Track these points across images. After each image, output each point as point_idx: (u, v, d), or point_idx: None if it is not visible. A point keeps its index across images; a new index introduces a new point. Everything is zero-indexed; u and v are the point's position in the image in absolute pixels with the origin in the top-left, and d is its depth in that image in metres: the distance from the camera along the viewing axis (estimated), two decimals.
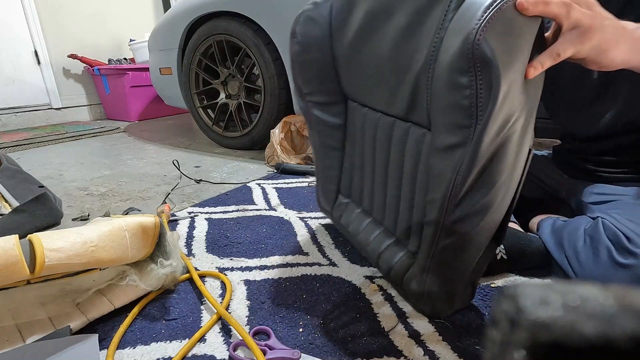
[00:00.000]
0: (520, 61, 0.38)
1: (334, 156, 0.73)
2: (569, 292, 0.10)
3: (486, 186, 0.43)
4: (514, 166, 0.44)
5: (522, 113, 0.41)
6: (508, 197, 0.46)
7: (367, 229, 0.66)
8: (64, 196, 1.09)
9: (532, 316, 0.10)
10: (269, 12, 1.31)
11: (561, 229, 0.63)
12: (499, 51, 0.36)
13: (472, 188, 0.43)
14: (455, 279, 0.51)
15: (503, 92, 0.37)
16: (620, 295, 0.10)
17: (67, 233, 0.49)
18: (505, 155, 0.42)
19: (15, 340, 0.47)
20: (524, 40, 0.37)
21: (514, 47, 0.37)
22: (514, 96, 0.39)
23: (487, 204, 0.44)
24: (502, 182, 0.44)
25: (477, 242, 0.48)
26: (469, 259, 0.50)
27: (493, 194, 0.44)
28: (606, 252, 0.52)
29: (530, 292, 0.10)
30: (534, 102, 0.43)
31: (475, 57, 0.36)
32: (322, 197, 0.79)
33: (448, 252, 0.49)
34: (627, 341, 0.09)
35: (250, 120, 1.56)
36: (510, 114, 0.39)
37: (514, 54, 0.37)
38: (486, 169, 0.42)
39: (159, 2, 3.23)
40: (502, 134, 0.40)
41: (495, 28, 0.35)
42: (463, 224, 0.46)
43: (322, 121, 0.70)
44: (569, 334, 0.09)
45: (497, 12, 0.35)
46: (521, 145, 0.44)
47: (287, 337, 0.51)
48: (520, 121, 0.41)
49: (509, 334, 0.10)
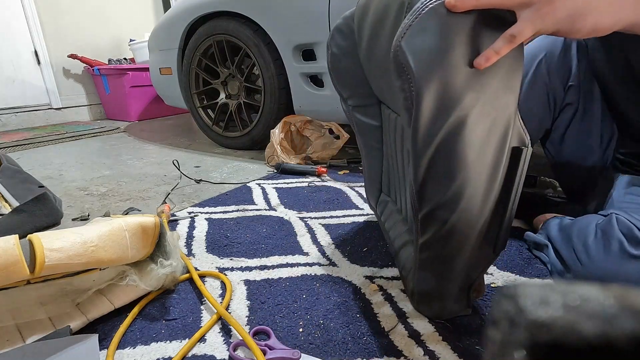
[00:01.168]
0: (456, 57, 0.39)
1: (375, 156, 0.78)
2: (569, 292, 0.10)
3: (444, 178, 0.43)
4: (481, 163, 0.43)
5: (476, 107, 0.41)
6: (483, 197, 0.45)
7: (396, 226, 0.69)
8: (64, 196, 1.09)
9: (532, 316, 0.10)
10: (269, 12, 1.31)
11: (570, 226, 0.62)
12: (421, 54, 0.39)
13: (426, 182, 0.44)
14: (442, 279, 0.51)
15: (431, 90, 0.40)
16: (620, 295, 0.10)
17: (67, 233, 0.49)
18: (457, 148, 0.42)
19: (15, 340, 0.47)
20: (457, 37, 0.38)
21: (442, 47, 0.39)
22: (454, 91, 0.40)
23: (452, 199, 0.44)
24: (466, 177, 0.43)
25: (457, 242, 0.47)
26: (453, 260, 0.49)
27: (456, 188, 0.43)
28: (618, 244, 0.51)
29: (530, 292, 0.10)
30: (504, 93, 0.42)
31: (400, 62, 0.41)
32: (369, 194, 0.84)
33: (429, 250, 0.49)
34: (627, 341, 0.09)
35: (250, 120, 1.56)
36: (447, 107, 0.41)
37: (444, 53, 0.39)
38: (435, 161, 0.43)
39: (159, 2, 3.23)
40: (442, 127, 0.41)
41: (414, 32, 0.39)
42: (433, 219, 0.46)
43: (362, 122, 0.76)
44: (569, 334, 0.09)
45: (416, 17, 0.39)
46: (487, 142, 0.43)
47: (287, 337, 0.51)
48: (472, 115, 0.41)
49: (509, 334, 0.10)
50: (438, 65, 0.39)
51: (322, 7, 1.20)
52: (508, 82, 0.42)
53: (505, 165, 0.45)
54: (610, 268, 0.51)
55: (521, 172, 0.46)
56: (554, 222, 0.68)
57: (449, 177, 0.43)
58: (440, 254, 0.49)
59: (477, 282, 0.53)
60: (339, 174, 1.26)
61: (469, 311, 0.54)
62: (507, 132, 0.44)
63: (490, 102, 0.41)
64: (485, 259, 0.50)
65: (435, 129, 0.42)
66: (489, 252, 0.49)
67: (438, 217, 0.46)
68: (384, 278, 0.64)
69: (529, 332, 0.10)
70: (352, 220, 0.88)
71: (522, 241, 0.75)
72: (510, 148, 0.45)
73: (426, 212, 0.46)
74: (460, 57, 0.39)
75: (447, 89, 0.40)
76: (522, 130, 0.46)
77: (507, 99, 0.42)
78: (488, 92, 0.41)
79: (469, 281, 0.51)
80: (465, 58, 0.39)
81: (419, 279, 0.52)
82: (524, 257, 0.70)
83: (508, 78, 0.42)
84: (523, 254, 0.71)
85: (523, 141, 0.46)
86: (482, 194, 0.45)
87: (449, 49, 0.39)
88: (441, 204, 0.45)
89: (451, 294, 0.52)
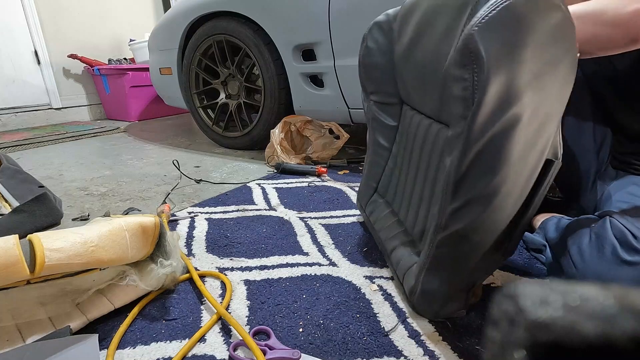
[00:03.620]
0: (526, 55, 0.39)
1: (381, 155, 0.79)
2: (569, 292, 0.10)
3: (485, 174, 0.44)
4: (523, 165, 0.44)
5: (531, 108, 0.41)
6: (515, 199, 0.46)
7: (389, 227, 0.69)
8: (64, 196, 1.09)
9: (532, 316, 0.10)
10: (269, 12, 1.31)
11: (566, 228, 0.62)
12: (494, 45, 0.39)
13: (468, 174, 0.45)
14: (450, 280, 0.51)
15: (497, 82, 0.40)
16: (620, 295, 0.10)
17: (67, 233, 0.49)
18: (507, 144, 0.42)
19: (15, 340, 0.47)
20: (530, 36, 0.39)
21: (515, 42, 0.39)
22: (517, 87, 0.40)
23: (488, 195, 0.44)
24: (506, 175, 0.43)
25: (475, 241, 0.47)
26: (467, 259, 0.49)
27: (495, 184, 0.44)
28: (611, 248, 0.52)
29: (530, 292, 0.10)
30: (556, 101, 0.43)
31: (470, 51, 0.40)
32: (362, 192, 0.84)
33: (445, 248, 0.49)
34: (627, 341, 0.09)
35: (250, 120, 1.56)
36: (508, 102, 0.41)
37: (516, 48, 0.39)
38: (483, 154, 0.43)
39: (159, 2, 3.23)
40: (499, 120, 0.41)
41: (490, 24, 0.39)
42: (464, 213, 0.46)
43: (379, 120, 0.78)
44: (569, 334, 0.09)
45: (493, 9, 0.39)
46: (533, 144, 0.43)
47: (287, 337, 0.51)
48: (526, 115, 0.42)
49: (509, 334, 0.10)
50: (509, 59, 0.40)
51: (322, 7, 1.20)
52: (561, 91, 0.43)
53: (537, 174, 0.46)
54: (604, 272, 0.52)
55: (547, 183, 0.47)
56: (551, 221, 0.68)
57: (492, 171, 0.44)
58: (456, 252, 0.49)
59: (478, 284, 0.53)
60: (339, 174, 1.26)
61: (463, 313, 0.54)
62: (549, 140, 0.45)
63: (544, 106, 0.42)
64: (494, 262, 0.50)
65: (492, 121, 0.42)
66: (499, 255, 0.50)
67: (470, 211, 0.46)
68: (384, 278, 0.64)
69: (529, 332, 0.10)
70: (352, 220, 0.88)
71: (522, 241, 0.75)
72: (545, 158, 0.46)
73: (458, 205, 0.46)
74: (529, 55, 0.39)
75: (512, 83, 0.40)
76: (558, 144, 0.47)
77: (557, 108, 0.44)
78: (545, 96, 0.42)
79: (471, 283, 0.51)
80: (533, 58, 0.40)
81: (426, 277, 0.52)
82: (524, 257, 0.70)
83: (561, 87, 0.43)
84: (523, 254, 0.71)
85: (556, 154, 0.47)
86: (516, 194, 0.45)
87: (521, 46, 0.39)
88: (476, 198, 0.45)
89: (453, 295, 0.52)
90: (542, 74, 0.41)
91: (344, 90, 1.29)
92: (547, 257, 0.64)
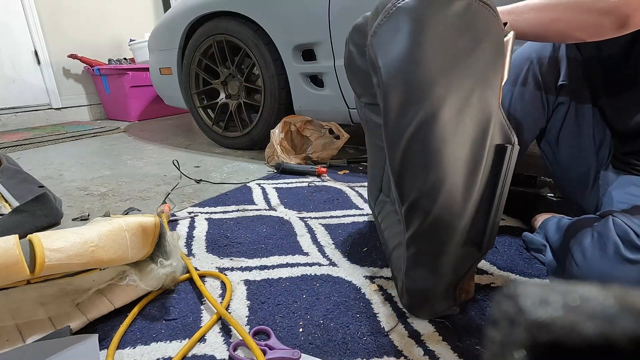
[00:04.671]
0: (421, 55, 0.40)
1: (380, 155, 0.78)
2: (569, 292, 0.10)
3: (420, 169, 0.44)
4: (457, 156, 0.43)
5: (448, 100, 0.42)
6: (464, 191, 0.44)
7: (391, 226, 0.69)
8: (64, 196, 1.09)
9: (532, 316, 0.10)
10: (269, 12, 1.31)
11: (567, 227, 0.62)
12: (388, 51, 0.42)
13: (404, 171, 0.45)
14: (429, 278, 0.50)
15: (397, 86, 0.42)
16: (620, 295, 0.10)
17: (67, 233, 0.49)
18: (430, 140, 0.42)
19: (15, 340, 0.47)
20: (422, 35, 0.40)
21: (407, 45, 0.41)
22: (422, 86, 0.41)
23: (431, 191, 0.44)
24: (442, 169, 0.43)
25: (440, 237, 0.47)
26: (439, 257, 0.48)
27: (434, 179, 0.43)
28: (613, 247, 0.51)
29: (530, 292, 0.10)
30: (481, 90, 0.42)
31: (372, 60, 0.44)
32: (370, 193, 0.85)
33: (415, 245, 0.49)
34: (627, 341, 0.09)
35: (250, 120, 1.56)
36: (416, 101, 0.42)
37: (409, 51, 0.41)
38: (409, 153, 0.44)
39: (159, 2, 3.23)
40: (414, 119, 0.42)
41: (383, 32, 0.43)
42: (415, 211, 0.46)
43: (372, 120, 0.77)
44: (569, 334, 0.09)
45: (385, 16, 0.42)
46: (463, 134, 0.43)
47: (287, 337, 0.51)
48: (444, 108, 0.42)
49: (509, 334, 0.10)
50: (403, 62, 0.40)
51: (322, 7, 1.20)
52: (486, 80, 0.42)
53: (488, 162, 0.45)
54: (606, 270, 0.51)
55: (506, 170, 0.45)
56: (552, 221, 0.68)
57: (425, 168, 0.44)
58: (426, 250, 0.48)
59: (464, 281, 0.53)
60: (339, 174, 1.26)
61: (457, 310, 0.53)
62: (487, 129, 0.44)
63: (464, 99, 0.42)
64: (471, 257, 0.49)
65: (405, 122, 0.43)
66: (475, 250, 0.49)
67: (420, 208, 0.46)
68: (384, 278, 0.64)
69: (529, 332, 0.10)
70: (352, 220, 0.88)
71: (522, 241, 0.75)
72: (493, 145, 0.45)
73: (408, 204, 0.47)
74: (431, 52, 0.40)
75: (412, 85, 0.41)
76: (507, 128, 0.46)
77: (485, 96, 0.43)
78: (460, 89, 0.41)
79: (455, 280, 0.51)
80: (437, 53, 0.40)
81: (407, 277, 0.52)
82: (524, 257, 0.70)
83: (486, 76, 0.42)
84: (523, 254, 0.71)
85: (508, 139, 0.46)
86: (462, 188, 0.44)
87: (416, 46, 0.40)
88: (421, 196, 0.45)
89: (438, 293, 0.51)
90: (455, 64, 0.40)
91: (344, 90, 1.29)
92: (547, 257, 0.64)
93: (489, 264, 0.68)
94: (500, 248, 0.74)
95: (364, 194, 1.06)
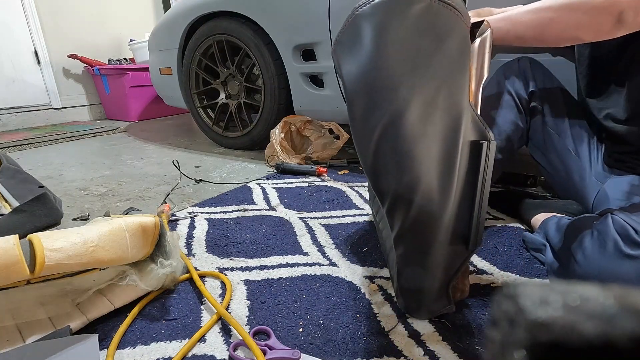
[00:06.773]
0: (380, 59, 0.41)
1: None
2: (569, 292, 0.10)
3: (392, 170, 0.44)
4: (429, 155, 0.43)
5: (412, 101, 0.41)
6: (441, 190, 0.44)
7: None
8: (64, 196, 1.09)
9: (532, 316, 0.10)
10: (269, 12, 1.31)
11: (567, 226, 0.62)
12: (348, 58, 0.44)
13: (378, 173, 0.45)
14: (419, 278, 0.50)
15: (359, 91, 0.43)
16: (620, 295, 0.10)
17: (67, 233, 0.49)
18: (398, 141, 0.42)
19: (15, 340, 0.47)
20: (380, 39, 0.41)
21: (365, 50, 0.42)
22: (382, 91, 0.42)
23: (408, 190, 0.43)
24: (417, 169, 0.43)
25: (424, 236, 0.46)
26: (426, 256, 0.48)
27: (409, 179, 0.43)
28: (613, 243, 0.52)
29: (530, 292, 0.10)
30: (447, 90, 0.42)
31: (335, 67, 0.47)
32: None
33: (401, 245, 0.49)
34: (627, 341, 0.09)
35: (250, 120, 1.56)
36: (380, 103, 0.42)
37: (367, 56, 0.42)
38: (379, 155, 0.44)
39: (159, 2, 3.23)
40: (380, 120, 0.42)
41: (343, 39, 0.44)
42: (396, 211, 0.46)
43: None
44: (569, 334, 0.09)
45: (345, 24, 0.43)
46: (433, 133, 0.42)
47: (287, 337, 0.51)
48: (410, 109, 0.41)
49: (509, 334, 0.10)
50: (365, 67, 0.41)
51: (322, 7, 1.20)
52: (452, 78, 0.42)
53: (464, 159, 0.45)
54: (606, 267, 0.52)
55: (485, 166, 0.45)
56: (552, 221, 0.68)
57: (398, 169, 0.44)
58: (412, 249, 0.48)
59: (458, 279, 0.53)
60: (339, 174, 1.26)
61: (452, 309, 0.53)
62: (458, 127, 0.43)
63: (430, 99, 0.41)
64: (460, 255, 0.49)
65: (371, 126, 0.43)
66: (463, 248, 0.49)
67: (399, 208, 0.46)
68: (384, 278, 0.64)
69: (529, 332, 0.10)
70: (352, 220, 0.88)
71: (522, 241, 0.75)
72: (467, 142, 0.45)
73: (388, 205, 0.47)
74: (386, 59, 0.40)
75: (375, 89, 0.41)
76: (482, 125, 0.46)
77: (452, 94, 0.43)
78: (425, 89, 0.41)
79: (447, 278, 0.51)
80: (398, 55, 0.39)
81: (400, 277, 0.52)
82: (524, 257, 0.70)
83: (451, 75, 0.42)
84: (523, 254, 0.71)
85: (484, 135, 0.46)
86: (438, 187, 0.44)
87: (373, 52, 0.40)
88: (398, 196, 0.45)
89: (432, 292, 0.51)
90: (417, 65, 0.40)
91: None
92: (547, 256, 0.64)
93: (489, 264, 0.68)
94: (500, 248, 0.74)
95: (364, 194, 1.06)
